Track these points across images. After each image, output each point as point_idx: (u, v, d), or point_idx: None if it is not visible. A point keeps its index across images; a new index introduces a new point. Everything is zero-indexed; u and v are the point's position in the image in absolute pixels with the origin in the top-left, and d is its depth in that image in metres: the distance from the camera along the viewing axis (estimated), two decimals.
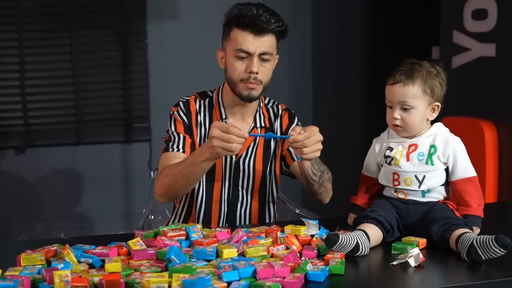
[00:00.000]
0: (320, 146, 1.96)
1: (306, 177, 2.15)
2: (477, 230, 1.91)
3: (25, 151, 4.04)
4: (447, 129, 1.96)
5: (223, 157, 2.24)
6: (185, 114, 2.24)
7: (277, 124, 2.32)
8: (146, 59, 4.09)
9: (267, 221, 2.34)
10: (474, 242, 1.69)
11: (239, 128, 1.92)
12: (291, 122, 2.34)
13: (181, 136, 2.22)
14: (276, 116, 2.32)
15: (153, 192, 2.66)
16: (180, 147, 2.20)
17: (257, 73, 2.12)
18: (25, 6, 3.90)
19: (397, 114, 1.91)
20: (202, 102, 2.28)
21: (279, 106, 2.35)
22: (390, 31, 4.35)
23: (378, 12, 4.43)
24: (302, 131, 1.93)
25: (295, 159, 2.23)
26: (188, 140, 2.22)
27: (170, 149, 2.20)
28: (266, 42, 2.12)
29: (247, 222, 2.31)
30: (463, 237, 1.74)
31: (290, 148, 2.27)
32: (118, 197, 4.17)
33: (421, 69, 1.90)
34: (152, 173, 2.88)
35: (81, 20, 3.99)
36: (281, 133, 2.31)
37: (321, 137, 1.95)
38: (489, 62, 3.40)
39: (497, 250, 1.67)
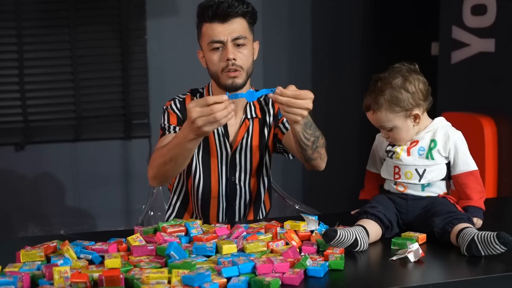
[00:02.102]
0: (305, 113, 1.88)
1: (298, 141, 2.05)
2: (479, 221, 1.92)
3: (25, 148, 4.04)
4: (448, 123, 1.96)
5: (219, 152, 2.24)
6: (179, 110, 2.24)
7: (270, 110, 2.31)
8: (145, 55, 4.09)
9: (262, 196, 2.34)
10: (475, 238, 1.69)
11: (217, 97, 1.82)
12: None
13: (172, 126, 2.21)
14: (267, 104, 2.32)
15: (153, 188, 2.66)
16: (177, 130, 2.19)
17: (234, 59, 2.10)
18: (24, 2, 3.90)
19: (384, 134, 1.94)
20: (194, 98, 2.28)
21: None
22: (390, 27, 4.34)
23: (378, 8, 4.42)
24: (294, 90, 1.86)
25: (280, 117, 2.12)
26: None
27: (167, 132, 2.19)
28: (236, 27, 2.11)
29: (246, 214, 2.32)
30: (464, 231, 1.74)
31: (280, 125, 2.27)
32: (118, 194, 4.17)
33: (384, 88, 1.88)
34: None
35: (81, 17, 3.99)
36: (273, 116, 2.29)
37: (310, 105, 1.87)
38: (488, 58, 3.40)
39: (498, 247, 1.67)
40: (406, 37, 4.18)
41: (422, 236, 1.83)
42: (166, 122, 2.23)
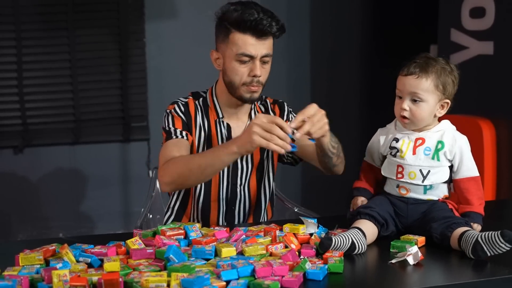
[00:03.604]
0: (325, 120, 1.91)
1: (327, 153, 2.07)
2: (478, 227, 1.92)
3: (23, 151, 4.03)
4: (454, 127, 1.96)
5: None
6: (183, 114, 2.22)
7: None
8: (144, 58, 4.09)
9: (264, 205, 2.34)
10: (479, 239, 1.69)
11: (287, 124, 1.83)
12: (282, 111, 2.34)
13: (178, 130, 2.19)
14: (267, 111, 2.33)
15: (152, 191, 2.66)
16: (184, 135, 2.17)
17: (259, 76, 2.12)
18: (23, 5, 3.90)
19: (406, 105, 1.90)
20: (197, 102, 2.27)
21: (267, 100, 2.36)
22: (388, 29, 4.35)
23: (376, 10, 4.43)
24: (305, 118, 1.87)
25: (309, 142, 2.12)
26: (190, 137, 2.20)
27: (174, 137, 2.16)
28: (267, 45, 2.12)
29: (246, 217, 2.32)
30: (466, 234, 1.74)
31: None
32: (117, 197, 4.16)
33: (436, 64, 1.90)
34: (150, 172, 2.87)
35: (79, 19, 3.98)
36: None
37: (322, 112, 1.90)
38: (487, 60, 3.40)
39: (503, 245, 1.67)
40: (405, 40, 4.17)
41: (421, 239, 1.83)
42: (171, 125, 2.20)
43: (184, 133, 2.18)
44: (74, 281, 1.48)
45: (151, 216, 2.67)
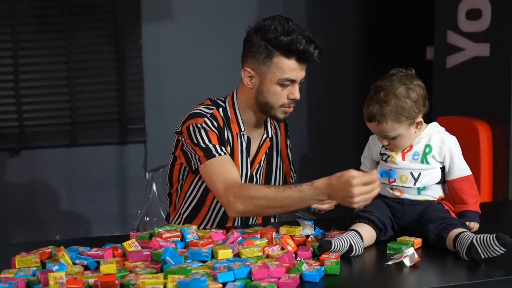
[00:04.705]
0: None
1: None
2: (476, 225, 1.92)
3: (20, 153, 4.03)
4: (442, 128, 1.95)
5: (240, 169, 2.19)
6: (216, 128, 2.12)
7: (277, 131, 2.33)
8: (141, 60, 4.09)
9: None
10: (474, 241, 1.69)
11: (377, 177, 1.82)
12: (286, 131, 2.38)
13: (218, 147, 2.09)
14: (277, 124, 2.35)
15: (148, 193, 2.66)
16: (224, 151, 2.08)
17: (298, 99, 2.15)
18: (20, 7, 3.90)
19: (385, 141, 1.91)
20: (220, 110, 2.19)
21: None
22: (385, 31, 4.35)
23: (372, 12, 4.43)
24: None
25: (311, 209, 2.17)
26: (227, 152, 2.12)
27: (216, 154, 2.07)
28: (305, 68, 2.15)
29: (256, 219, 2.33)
30: (461, 236, 1.74)
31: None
32: (113, 199, 4.16)
33: (388, 99, 1.85)
34: (147, 174, 2.87)
35: (76, 22, 3.99)
36: (278, 141, 2.33)
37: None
38: (483, 62, 3.40)
39: (498, 249, 1.67)
40: (401, 42, 4.18)
41: (418, 241, 1.83)
42: (207, 141, 2.08)
43: (223, 149, 2.09)
44: (70, 284, 1.48)
45: (147, 218, 2.67)
